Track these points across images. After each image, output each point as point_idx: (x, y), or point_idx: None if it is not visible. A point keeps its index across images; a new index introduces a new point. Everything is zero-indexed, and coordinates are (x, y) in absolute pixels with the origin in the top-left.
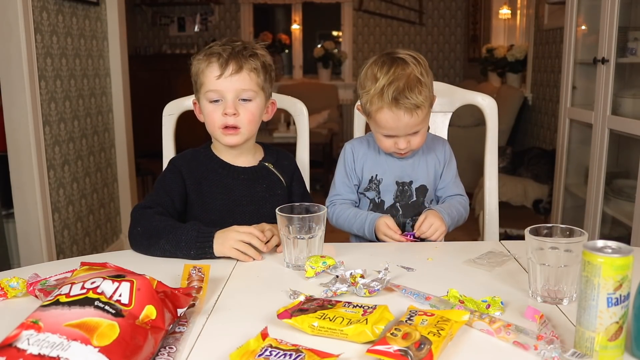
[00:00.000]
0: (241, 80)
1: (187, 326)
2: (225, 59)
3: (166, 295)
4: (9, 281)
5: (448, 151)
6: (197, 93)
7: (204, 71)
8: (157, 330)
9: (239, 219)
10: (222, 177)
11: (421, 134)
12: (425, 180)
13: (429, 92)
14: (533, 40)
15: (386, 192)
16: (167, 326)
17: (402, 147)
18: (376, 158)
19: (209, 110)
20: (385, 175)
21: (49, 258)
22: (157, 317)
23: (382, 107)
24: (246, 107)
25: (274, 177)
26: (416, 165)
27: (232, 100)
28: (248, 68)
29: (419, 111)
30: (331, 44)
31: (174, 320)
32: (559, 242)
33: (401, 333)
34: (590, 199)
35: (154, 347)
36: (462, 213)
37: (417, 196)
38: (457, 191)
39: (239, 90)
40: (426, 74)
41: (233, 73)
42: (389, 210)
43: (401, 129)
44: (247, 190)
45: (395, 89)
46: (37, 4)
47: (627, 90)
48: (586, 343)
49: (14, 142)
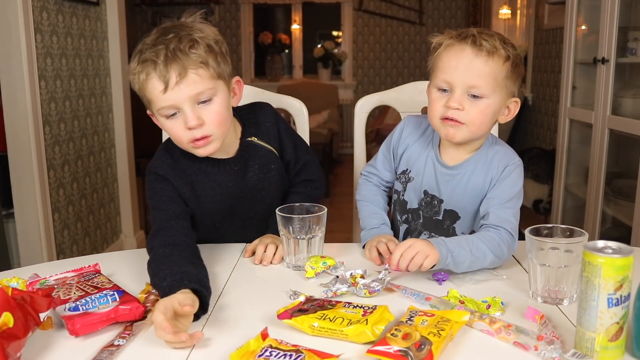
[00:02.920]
0: (191, 84)
1: (127, 339)
2: (163, 65)
3: (24, 300)
4: (9, 281)
5: (507, 172)
6: (149, 108)
7: (146, 86)
8: (12, 338)
9: (239, 210)
10: (213, 175)
11: (482, 107)
12: (460, 206)
13: (511, 69)
14: (533, 40)
15: (412, 194)
16: (28, 333)
17: (453, 105)
18: (420, 152)
19: (168, 127)
20: (417, 177)
21: (49, 258)
22: (15, 325)
23: (451, 44)
24: (209, 110)
25: (262, 151)
26: (454, 185)
27: (190, 110)
28: (193, 66)
29: (491, 61)
30: (331, 44)
31: (37, 325)
32: (559, 243)
33: (401, 333)
34: (590, 199)
35: (6, 357)
36: (486, 253)
37: (444, 218)
38: (495, 222)
39: (194, 96)
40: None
41: (179, 81)
42: (410, 212)
43: (461, 71)
44: (241, 179)
45: (474, 32)
46: (37, 4)
47: (627, 90)
48: (586, 343)
49: (14, 142)
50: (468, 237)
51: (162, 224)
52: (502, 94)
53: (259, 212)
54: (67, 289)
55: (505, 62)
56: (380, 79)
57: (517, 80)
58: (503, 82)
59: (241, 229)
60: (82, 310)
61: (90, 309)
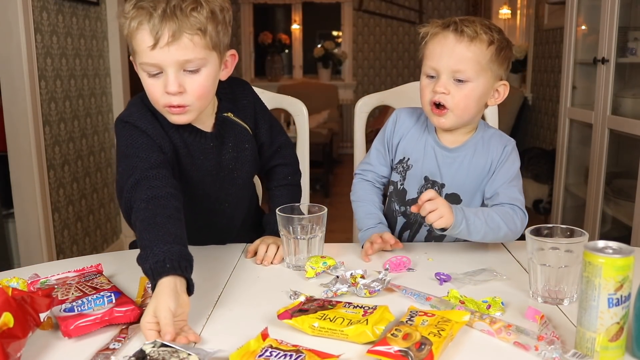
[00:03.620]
0: (182, 49)
1: (123, 342)
2: (159, 20)
3: (24, 300)
4: (9, 281)
5: (507, 152)
6: (133, 57)
7: (135, 36)
8: (12, 338)
9: (209, 189)
10: (189, 145)
11: (467, 91)
12: (462, 189)
13: (495, 52)
14: (533, 40)
15: (412, 182)
16: (28, 333)
17: (439, 90)
18: (416, 140)
19: (147, 85)
20: (416, 164)
21: (49, 258)
22: (15, 325)
23: (436, 33)
24: (194, 80)
25: (237, 128)
26: (456, 167)
27: (174, 76)
28: (191, 30)
29: (473, 46)
30: (331, 44)
31: (37, 325)
32: (559, 243)
33: (402, 333)
34: (590, 199)
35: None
36: (501, 225)
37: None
38: (506, 200)
39: (182, 62)
40: (505, 42)
41: (171, 41)
42: (410, 203)
43: (445, 57)
44: (216, 158)
45: (456, 19)
46: (37, 4)
47: (627, 90)
48: (587, 344)
49: (14, 142)
50: (484, 209)
51: (144, 173)
52: (487, 77)
53: (229, 194)
54: (66, 290)
55: (488, 46)
56: (380, 79)
57: (504, 64)
58: (487, 65)
59: (211, 213)
60: (77, 311)
61: (84, 311)
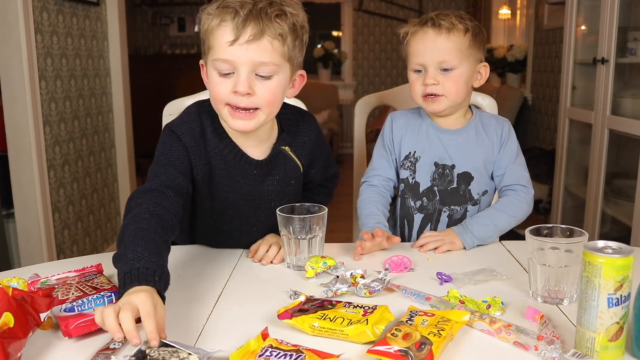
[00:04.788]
0: (261, 50)
1: (124, 342)
2: (243, 18)
3: (25, 300)
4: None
5: (506, 131)
6: (205, 56)
7: (214, 32)
8: (13, 338)
9: (241, 211)
10: (230, 167)
11: (455, 77)
12: (472, 166)
13: (472, 39)
14: (533, 40)
15: (423, 172)
16: (29, 333)
17: (429, 82)
18: (417, 132)
19: (215, 83)
20: (424, 154)
21: (49, 258)
22: (15, 325)
23: (415, 31)
24: (265, 85)
25: (290, 164)
26: (463, 146)
27: (246, 76)
28: (271, 34)
29: (452, 36)
30: (331, 44)
31: (38, 325)
32: (559, 243)
33: (402, 333)
34: (590, 199)
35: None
36: (510, 220)
37: (459, 183)
38: (512, 180)
39: (257, 63)
40: (478, 29)
41: (251, 40)
42: (425, 194)
43: (428, 51)
44: (257, 186)
45: (432, 15)
46: (38, 4)
47: (627, 90)
48: (587, 343)
49: (14, 142)
50: (490, 213)
51: (160, 187)
52: (469, 61)
53: (260, 220)
54: (66, 289)
55: (465, 34)
56: (380, 79)
57: (481, 47)
58: (468, 51)
59: (238, 232)
60: (77, 311)
61: (85, 310)
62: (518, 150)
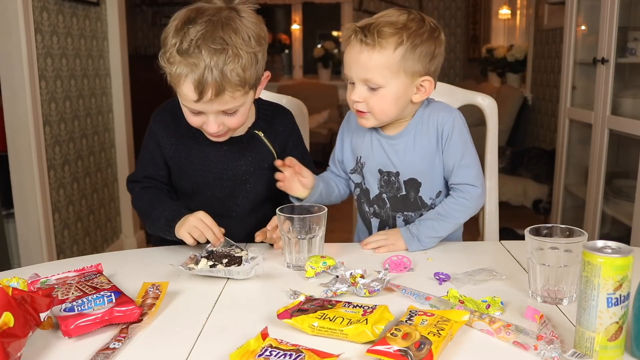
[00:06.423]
0: (224, 102)
1: (123, 342)
2: (201, 77)
3: (25, 300)
4: (9, 281)
5: (449, 126)
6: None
7: (178, 82)
8: (13, 338)
9: (218, 192)
10: (202, 145)
11: (380, 96)
12: (417, 171)
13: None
14: (533, 40)
15: (370, 179)
16: (29, 333)
17: (354, 99)
18: (363, 137)
19: (188, 116)
20: (368, 160)
21: (49, 258)
22: (15, 325)
23: (347, 41)
24: (232, 118)
25: (263, 148)
26: (402, 153)
27: (213, 118)
28: (231, 89)
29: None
30: (331, 44)
31: (37, 325)
32: (558, 242)
33: (401, 333)
34: (590, 199)
35: (7, 356)
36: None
37: (407, 190)
38: (459, 179)
39: (222, 110)
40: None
41: (213, 99)
42: (375, 201)
43: (353, 67)
44: (230, 163)
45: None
46: (37, 4)
47: (627, 90)
48: (586, 343)
49: (14, 142)
50: (435, 221)
51: (141, 179)
52: (399, 79)
53: (239, 204)
54: (66, 289)
55: (396, 49)
56: None
57: (425, 59)
58: (398, 67)
59: (218, 217)
60: (77, 311)
61: (85, 310)
62: (466, 145)
